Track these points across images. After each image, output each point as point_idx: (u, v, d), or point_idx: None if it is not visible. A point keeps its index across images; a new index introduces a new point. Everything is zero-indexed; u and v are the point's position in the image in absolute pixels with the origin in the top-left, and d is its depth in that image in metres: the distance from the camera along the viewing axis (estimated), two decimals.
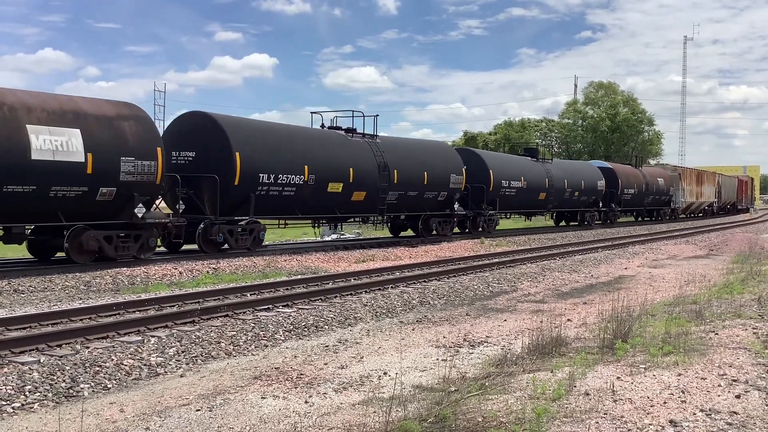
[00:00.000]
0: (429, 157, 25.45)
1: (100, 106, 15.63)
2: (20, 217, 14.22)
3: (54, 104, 14.69)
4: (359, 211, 22.72)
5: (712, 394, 5.72)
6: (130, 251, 16.12)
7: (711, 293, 12.06)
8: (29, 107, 14.11)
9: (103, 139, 15.05)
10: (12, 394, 6.49)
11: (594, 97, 77.39)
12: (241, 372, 7.52)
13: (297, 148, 20.02)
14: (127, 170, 15.41)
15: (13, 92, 14.40)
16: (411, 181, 23.97)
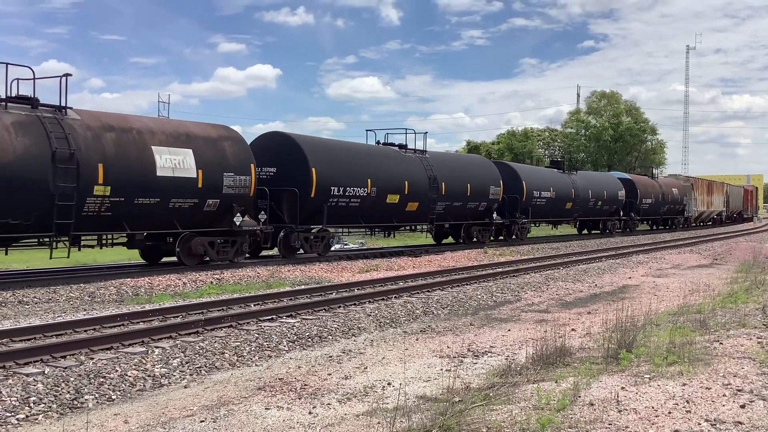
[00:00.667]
0: (471, 170, 27.76)
1: (205, 129, 18.18)
2: (145, 226, 16.43)
3: (170, 128, 17.19)
4: (412, 220, 25.00)
5: (717, 404, 5.71)
6: (228, 255, 18.30)
7: (715, 303, 12.03)
8: (152, 131, 16.43)
9: (210, 158, 17.33)
10: (17, 406, 6.50)
11: (597, 106, 77.43)
12: (245, 383, 7.52)
13: (361, 163, 22.28)
14: (228, 184, 17.71)
15: (139, 118, 17.01)
16: (456, 193, 26.15)
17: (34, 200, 13.99)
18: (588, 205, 36.97)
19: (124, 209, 15.50)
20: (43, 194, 14.05)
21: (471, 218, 27.95)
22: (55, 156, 14.16)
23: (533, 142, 75.83)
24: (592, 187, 37.35)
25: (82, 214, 14.79)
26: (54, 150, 14.18)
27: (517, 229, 30.97)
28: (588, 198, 36.70)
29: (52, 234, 14.47)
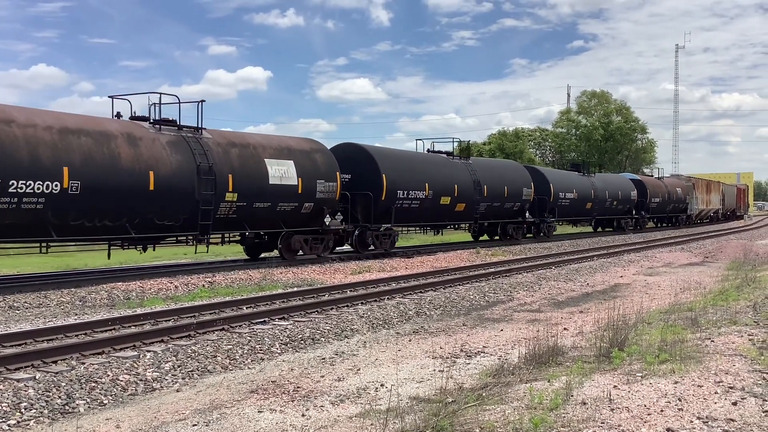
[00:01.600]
0: (507, 173, 31.05)
1: (300, 143, 21.31)
2: (258, 226, 19.57)
3: (275, 142, 20.28)
4: (460, 219, 28.56)
5: (709, 401, 5.72)
6: (317, 251, 21.13)
7: (706, 300, 12.08)
8: (263, 146, 19.49)
9: (306, 168, 20.28)
10: (8, 412, 6.47)
11: (587, 106, 77.65)
12: (238, 386, 7.50)
13: (420, 169, 25.22)
14: (320, 190, 20.61)
15: (252, 135, 20.44)
16: (496, 194, 29.20)
17: (184, 206, 16.81)
18: (605, 205, 40.04)
19: (245, 212, 18.48)
20: (190, 201, 16.87)
21: (507, 217, 31.05)
22: (198, 169, 16.98)
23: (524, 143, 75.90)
24: (608, 188, 40.43)
25: (216, 216, 17.69)
26: (198, 164, 17.00)
27: (545, 227, 34.00)
28: (605, 198, 39.74)
29: (196, 233, 17.34)
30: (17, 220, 13.89)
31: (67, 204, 14.42)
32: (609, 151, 75.09)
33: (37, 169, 13.87)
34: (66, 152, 14.45)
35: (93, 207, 14.87)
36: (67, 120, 15.20)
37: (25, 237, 14.68)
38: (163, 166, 16.21)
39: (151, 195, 15.91)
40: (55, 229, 14.58)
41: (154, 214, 16.23)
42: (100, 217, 15.17)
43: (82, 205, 14.65)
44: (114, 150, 15.38)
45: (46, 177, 13.96)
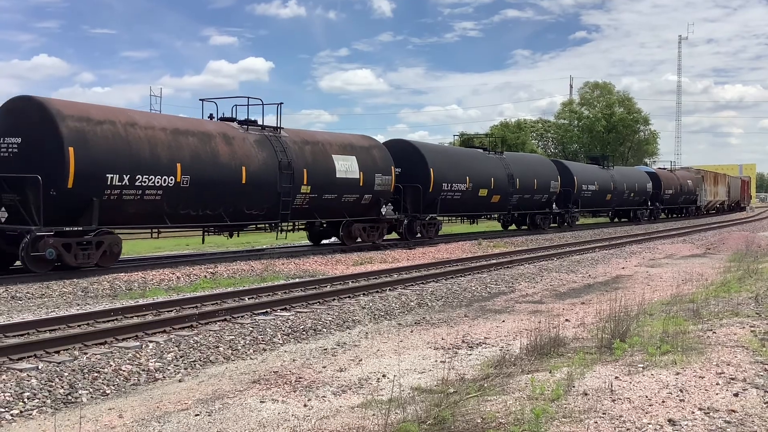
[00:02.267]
0: (537, 167, 33.53)
1: (359, 140, 23.43)
2: (326, 215, 21.65)
3: (339, 139, 22.39)
4: (495, 210, 31.18)
5: (711, 392, 5.73)
6: (373, 238, 23.17)
7: (708, 292, 12.08)
8: (330, 143, 21.67)
9: (366, 162, 22.34)
10: (10, 401, 6.48)
11: (589, 97, 77.50)
12: (240, 376, 7.52)
13: (462, 164, 27.62)
14: (378, 183, 22.68)
15: (320, 133, 22.89)
16: (527, 187, 31.59)
17: (268, 197, 19.00)
18: (623, 197, 42.68)
19: (316, 203, 20.68)
20: (273, 192, 19.07)
21: (536, 208, 33.60)
22: (280, 164, 19.18)
23: (526, 134, 75.81)
24: (626, 181, 43.02)
25: (293, 207, 19.79)
26: (279, 160, 19.20)
27: (569, 217, 36.49)
28: (623, 190, 42.37)
29: (278, 221, 19.80)
30: (140, 210, 16.05)
31: (179, 195, 16.65)
32: (611, 143, 74.92)
33: (157, 165, 16.00)
34: (178, 150, 16.61)
35: (198, 198, 17.18)
36: (177, 122, 17.53)
37: (145, 224, 16.93)
38: (252, 162, 18.45)
39: (242, 187, 18.14)
40: (169, 217, 16.83)
41: (244, 204, 18.53)
42: (203, 206, 17.48)
43: (190, 196, 16.92)
44: (214, 148, 17.66)
45: (163, 172, 16.11)
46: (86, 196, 14.81)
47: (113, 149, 15.23)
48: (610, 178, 40.75)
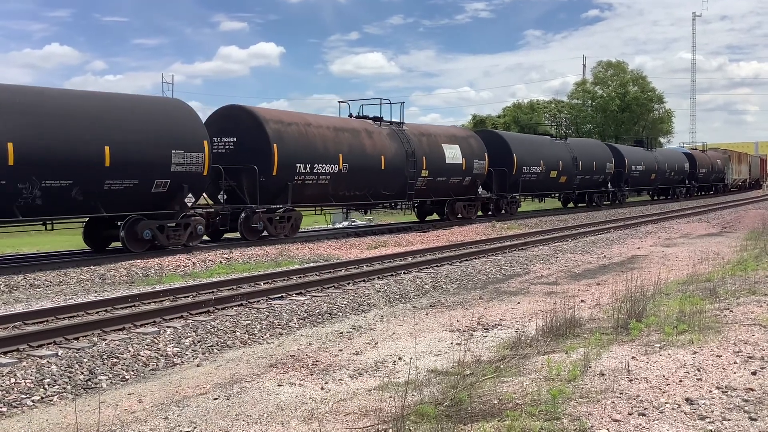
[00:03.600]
0: (594, 150, 37.90)
1: (460, 131, 28.77)
2: (437, 195, 25.84)
3: (445, 131, 27.06)
4: (562, 189, 35.38)
5: (728, 371, 5.71)
6: (470, 214, 27.48)
7: (725, 271, 12.02)
8: (439, 134, 26.03)
9: (466, 150, 26.51)
10: (31, 388, 6.57)
11: (603, 76, 76.70)
12: (257, 360, 7.57)
13: (536, 149, 32.03)
14: (475, 167, 26.85)
15: (431, 126, 27.26)
16: (587, 168, 35.87)
17: (398, 180, 23.27)
18: (665, 176, 46.58)
19: (431, 185, 24.91)
20: (401, 176, 23.31)
21: (594, 187, 37.80)
22: (406, 153, 23.37)
23: (539, 115, 75.33)
24: (667, 161, 46.95)
25: (414, 188, 23.94)
26: (405, 150, 23.38)
27: (621, 195, 40.61)
28: (665, 170, 46.22)
29: (405, 200, 24.24)
30: (315, 192, 20.55)
31: (340, 179, 21.06)
32: (625, 122, 74.30)
33: (327, 156, 20.40)
34: (339, 144, 21.00)
35: (353, 181, 21.57)
36: (335, 121, 22.06)
37: (317, 203, 21.64)
38: (387, 151, 22.72)
39: (382, 172, 22.44)
40: (332, 197, 21.50)
41: (382, 186, 22.85)
42: (355, 188, 21.94)
43: (348, 180, 21.31)
44: (361, 141, 21.94)
45: (330, 161, 20.53)
46: (283, 182, 19.27)
47: (299, 144, 19.66)
48: (654, 159, 44.58)
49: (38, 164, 13.73)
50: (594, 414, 4.84)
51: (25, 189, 13.66)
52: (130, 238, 15.89)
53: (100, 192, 14.94)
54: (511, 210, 30.27)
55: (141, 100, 16.97)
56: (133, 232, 15.88)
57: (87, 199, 14.77)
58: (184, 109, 17.38)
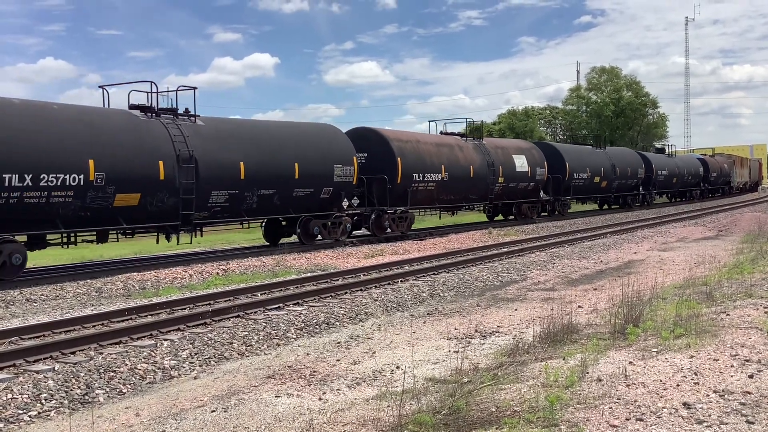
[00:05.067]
0: (627, 158, 42.64)
1: (524, 143, 33.91)
2: (509, 198, 30.69)
3: (514, 143, 32.97)
4: (603, 192, 39.80)
5: (725, 374, 5.72)
6: (534, 215, 32.16)
7: (721, 274, 12.03)
8: (509, 146, 31.21)
9: (530, 160, 31.27)
10: (28, 403, 6.55)
11: (597, 82, 76.97)
12: (255, 371, 7.56)
13: (583, 157, 37.03)
14: (538, 174, 31.61)
15: (502, 140, 34.77)
16: (623, 174, 40.69)
17: (482, 186, 28.12)
18: (684, 180, 51.70)
19: (505, 190, 29.61)
20: (484, 183, 28.15)
21: (627, 191, 42.52)
22: (487, 163, 28.12)
23: (534, 121, 75.51)
24: (686, 166, 52.07)
25: (493, 193, 28.96)
26: (487, 161, 28.14)
27: (650, 197, 45.60)
28: (685, 174, 51.35)
29: (486, 202, 29.37)
30: (424, 196, 25.11)
31: (442, 186, 25.57)
32: (620, 127, 74.54)
33: (433, 167, 24.95)
34: (441, 157, 25.57)
35: (451, 188, 26.16)
36: (435, 138, 26.87)
37: (424, 206, 26.52)
38: (474, 162, 27.31)
39: (471, 179, 27.17)
40: (436, 201, 26.11)
41: (469, 191, 27.62)
42: (452, 194, 26.56)
43: (448, 187, 25.88)
44: (455, 154, 26.59)
45: (436, 171, 25.04)
46: (404, 189, 23.65)
47: (415, 158, 24.12)
48: (675, 165, 49.73)
49: (257, 178, 18.44)
50: (591, 420, 4.84)
51: (249, 196, 18.42)
52: (304, 233, 20.71)
53: (291, 198, 19.82)
54: (563, 211, 34.93)
55: (311, 126, 22.61)
56: (307, 229, 20.74)
57: (283, 203, 19.68)
58: (338, 132, 22.74)
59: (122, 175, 15.32)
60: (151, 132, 16.38)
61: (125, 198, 15.49)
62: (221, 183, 17.53)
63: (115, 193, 15.27)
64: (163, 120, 16.88)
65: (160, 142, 16.33)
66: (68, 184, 14.41)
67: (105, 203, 15.17)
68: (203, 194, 17.11)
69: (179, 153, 16.50)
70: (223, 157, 17.62)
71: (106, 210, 15.30)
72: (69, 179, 14.40)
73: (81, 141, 14.80)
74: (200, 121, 17.97)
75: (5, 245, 13.83)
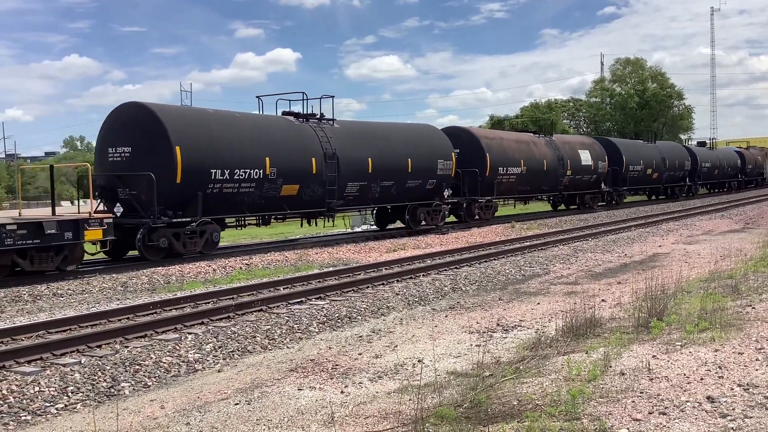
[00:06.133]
0: (675, 151, 45.81)
1: (587, 138, 37.29)
2: (576, 190, 33.73)
3: (578, 139, 36.21)
4: (655, 183, 42.31)
5: (750, 368, 5.66)
6: (594, 204, 35.36)
7: (747, 267, 11.89)
8: (574, 141, 34.52)
9: (593, 154, 34.18)
10: (55, 396, 6.65)
11: (621, 74, 76.11)
12: (277, 365, 7.61)
13: (638, 151, 39.70)
14: (600, 167, 34.51)
15: (568, 136, 38.76)
16: (672, 166, 43.41)
17: (553, 178, 31.23)
18: (724, 171, 54.48)
19: (571, 182, 32.74)
20: (555, 176, 31.30)
21: (674, 182, 44.86)
22: (557, 158, 31.30)
23: (557, 114, 74.91)
24: (725, 158, 54.84)
25: (562, 184, 32.02)
26: (557, 155, 31.38)
27: (695, 187, 48.21)
28: (725, 166, 54.22)
29: (556, 193, 32.71)
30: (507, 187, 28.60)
31: (522, 178, 28.98)
32: (645, 119, 73.65)
33: (514, 161, 28.36)
34: (520, 152, 28.92)
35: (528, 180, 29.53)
36: (515, 135, 31.08)
37: (507, 195, 29.71)
38: (546, 157, 30.63)
39: (543, 172, 30.28)
40: (517, 192, 29.77)
41: (543, 182, 30.73)
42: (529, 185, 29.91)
43: (526, 179, 29.25)
44: (531, 149, 29.96)
45: (516, 165, 28.41)
46: (491, 180, 27.00)
47: (500, 153, 27.45)
48: (717, 158, 52.62)
49: (380, 171, 21.60)
50: (614, 414, 4.82)
51: (374, 187, 21.61)
52: (412, 219, 23.48)
53: (404, 189, 22.85)
54: (619, 200, 37.61)
55: (418, 126, 25.93)
56: (414, 215, 23.52)
57: (398, 193, 22.76)
58: (439, 131, 25.91)
59: (287, 169, 18.79)
60: (305, 134, 19.80)
61: (289, 189, 19.03)
62: (355, 176, 20.86)
63: (282, 185, 18.79)
64: (311, 124, 20.31)
65: (312, 142, 19.70)
66: (251, 177, 17.87)
67: (275, 193, 18.72)
68: (342, 185, 20.53)
69: (325, 151, 19.83)
70: (356, 154, 20.86)
71: (275, 199, 18.84)
72: (252, 173, 17.87)
73: (259, 142, 18.25)
74: (336, 124, 21.27)
75: (207, 226, 17.19)
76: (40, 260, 14.04)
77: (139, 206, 16.14)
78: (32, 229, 13.68)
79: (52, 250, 14.15)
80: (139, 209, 16.14)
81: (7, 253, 13.38)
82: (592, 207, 34.83)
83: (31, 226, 13.69)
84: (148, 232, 15.91)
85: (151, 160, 16.07)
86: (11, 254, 13.50)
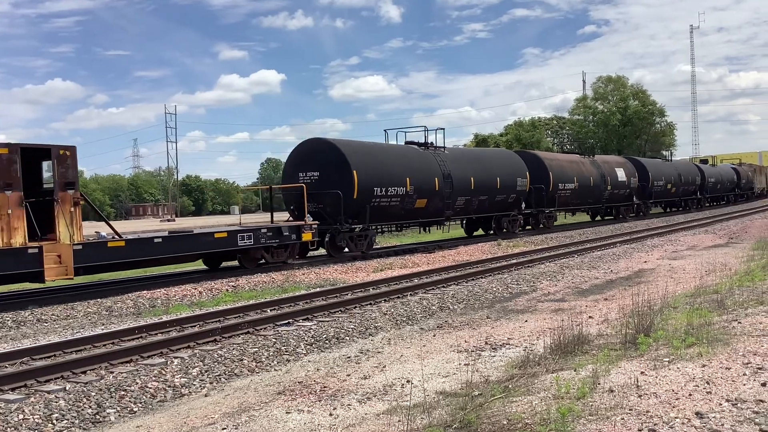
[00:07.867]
0: (689, 168, 52.03)
1: (620, 158, 42.89)
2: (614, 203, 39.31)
3: (614, 159, 41.78)
4: (674, 197, 47.89)
5: (738, 383, 5.67)
6: (626, 215, 40.87)
7: (732, 282, 11.96)
8: (612, 161, 40.56)
9: (626, 171, 39.91)
10: (40, 423, 6.56)
11: (603, 91, 76.95)
12: (265, 388, 7.55)
13: (660, 169, 45.43)
14: (631, 182, 39.98)
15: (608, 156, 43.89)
16: (686, 181, 49.02)
17: (598, 193, 36.51)
18: (725, 186, 59.65)
19: (611, 196, 38.25)
20: (599, 190, 36.64)
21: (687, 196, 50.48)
22: (601, 175, 36.97)
23: (541, 132, 75.48)
24: (725, 174, 60.33)
25: (604, 197, 37.79)
26: (600, 173, 36.75)
27: (704, 200, 53.58)
28: (725, 181, 59.29)
29: (599, 206, 37.90)
30: (565, 200, 33.84)
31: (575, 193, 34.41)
32: (627, 136, 74.42)
33: (570, 178, 33.98)
34: (573, 171, 34.46)
35: (579, 195, 34.95)
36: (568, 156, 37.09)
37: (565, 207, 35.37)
38: (592, 175, 35.83)
39: (590, 188, 35.73)
40: (571, 204, 35.44)
41: (588, 197, 36.01)
42: (579, 199, 35.35)
43: (578, 193, 34.81)
44: (581, 168, 35.29)
45: (570, 181, 33.95)
46: (554, 194, 32.28)
47: (559, 171, 32.87)
48: (718, 173, 58.07)
49: (479, 188, 26.71)
50: (604, 431, 4.81)
51: (474, 200, 26.69)
52: (497, 227, 29.14)
53: (494, 202, 28.02)
54: (645, 212, 43.09)
55: (499, 150, 35.68)
56: (500, 224, 29.14)
57: (490, 205, 27.91)
58: (515, 155, 31.84)
59: (420, 187, 23.77)
60: (428, 159, 24.90)
61: (420, 202, 23.96)
62: (463, 192, 25.90)
63: (417, 199, 23.71)
64: (430, 151, 25.43)
65: (434, 165, 24.77)
66: (398, 193, 22.88)
67: (411, 206, 23.72)
68: (454, 199, 25.53)
69: (443, 172, 24.91)
70: (463, 174, 25.95)
71: (411, 210, 23.92)
72: (399, 190, 22.88)
73: (402, 166, 23.34)
74: (446, 150, 26.33)
75: (368, 231, 22.42)
76: (277, 255, 19.31)
77: (327, 216, 21.10)
78: (275, 232, 19.00)
79: (284, 247, 19.33)
80: (326, 218, 21.09)
81: (260, 249, 18.78)
82: (625, 218, 40.03)
83: (275, 229, 19.04)
84: (334, 235, 21.06)
85: (336, 181, 20.99)
86: (261, 250, 18.85)
